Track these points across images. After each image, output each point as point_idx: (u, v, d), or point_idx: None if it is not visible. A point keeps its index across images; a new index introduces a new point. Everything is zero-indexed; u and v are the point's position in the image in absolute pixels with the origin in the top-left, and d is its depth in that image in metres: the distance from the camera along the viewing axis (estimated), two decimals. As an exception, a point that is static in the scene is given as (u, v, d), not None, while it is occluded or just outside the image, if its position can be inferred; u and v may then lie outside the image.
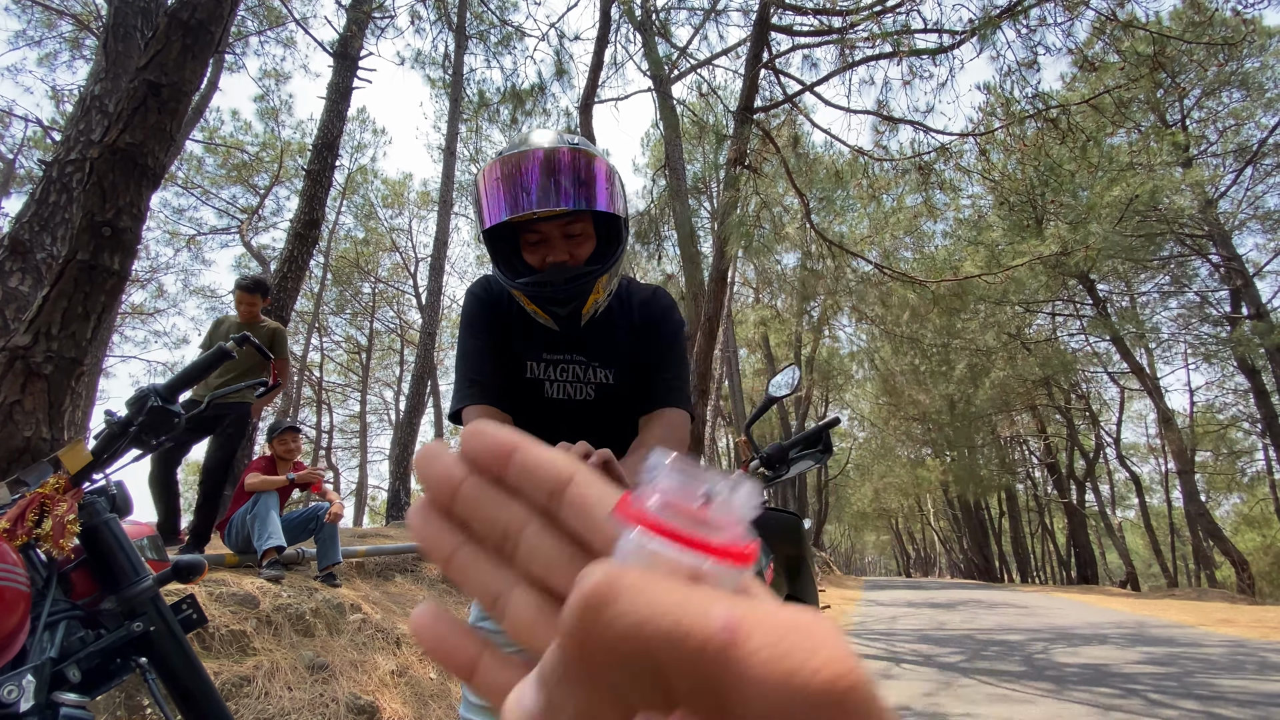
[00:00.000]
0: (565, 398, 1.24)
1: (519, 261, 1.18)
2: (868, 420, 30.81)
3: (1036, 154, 7.47)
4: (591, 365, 1.25)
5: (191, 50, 2.98)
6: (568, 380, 1.24)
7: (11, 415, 2.62)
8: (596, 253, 1.18)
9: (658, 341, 1.27)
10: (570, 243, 1.15)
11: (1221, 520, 22.35)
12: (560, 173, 1.08)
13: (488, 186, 1.10)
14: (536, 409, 1.24)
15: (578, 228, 1.14)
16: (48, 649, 1.00)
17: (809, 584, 1.66)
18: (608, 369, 1.25)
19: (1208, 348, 18.56)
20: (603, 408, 1.25)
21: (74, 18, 12.43)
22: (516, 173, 1.08)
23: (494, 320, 1.25)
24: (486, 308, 1.25)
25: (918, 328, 16.27)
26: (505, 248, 1.18)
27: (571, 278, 1.13)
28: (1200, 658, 5.19)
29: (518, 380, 1.24)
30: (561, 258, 1.14)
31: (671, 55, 10.44)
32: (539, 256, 1.15)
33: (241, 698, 2.31)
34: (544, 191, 1.07)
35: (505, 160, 1.08)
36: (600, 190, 1.11)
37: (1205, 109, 16.50)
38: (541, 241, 1.14)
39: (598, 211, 1.15)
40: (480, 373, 1.20)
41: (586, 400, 1.25)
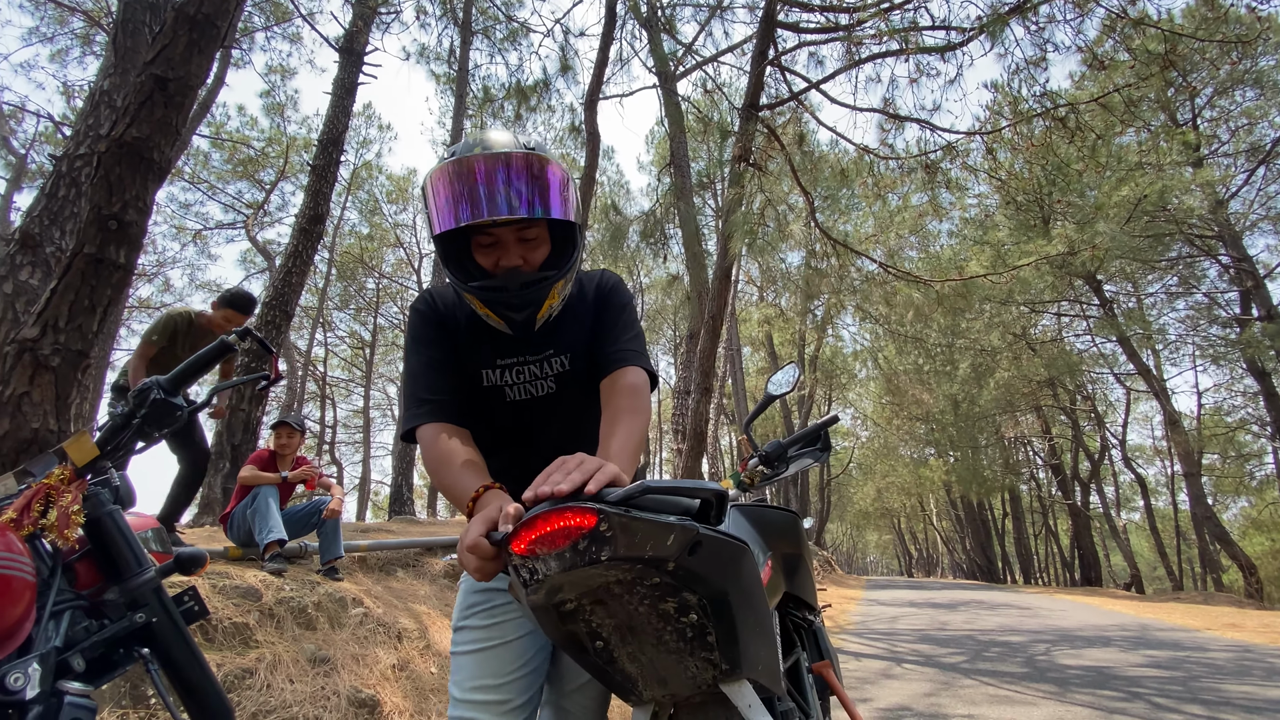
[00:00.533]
0: (528, 397, 1.23)
1: (470, 263, 1.16)
2: (871, 420, 30.75)
3: (1044, 153, 7.43)
4: (545, 358, 1.23)
5: (198, 45, 2.99)
6: (525, 380, 1.23)
7: (20, 407, 2.64)
8: (551, 257, 1.17)
9: (608, 310, 1.27)
10: (524, 247, 1.13)
11: (1229, 524, 22.24)
12: (516, 179, 1.06)
13: (439, 189, 1.06)
14: (501, 414, 1.23)
15: (532, 232, 1.13)
16: (53, 638, 1.01)
17: (807, 582, 1.66)
18: (562, 355, 1.24)
19: (1216, 349, 18.45)
20: (565, 395, 1.25)
21: (85, 14, 12.49)
22: (471, 176, 1.04)
23: (442, 334, 1.22)
24: (432, 323, 1.23)
25: (922, 327, 16.22)
26: (456, 249, 1.15)
27: (527, 283, 1.11)
28: (1206, 662, 5.16)
29: (476, 390, 1.22)
30: (515, 262, 1.12)
31: (677, 52, 10.42)
32: (492, 259, 1.13)
33: (244, 689, 2.33)
34: (499, 198, 1.05)
35: (459, 163, 1.05)
36: (555, 197, 1.09)
37: (1217, 108, 16.35)
38: (495, 244, 1.12)
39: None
40: (432, 390, 1.16)
41: (549, 394, 1.24)
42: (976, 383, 21.37)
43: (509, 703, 1.10)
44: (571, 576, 0.76)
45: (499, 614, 1.15)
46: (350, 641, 3.04)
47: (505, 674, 1.12)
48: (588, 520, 0.74)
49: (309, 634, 2.92)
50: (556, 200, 1.09)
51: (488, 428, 1.23)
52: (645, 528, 0.76)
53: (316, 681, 2.58)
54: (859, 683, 4.46)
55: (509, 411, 1.23)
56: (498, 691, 1.10)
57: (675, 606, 0.83)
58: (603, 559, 0.74)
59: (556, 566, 0.75)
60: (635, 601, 0.82)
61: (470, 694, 1.11)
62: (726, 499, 0.91)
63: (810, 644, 1.63)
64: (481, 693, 1.10)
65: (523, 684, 1.13)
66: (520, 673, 1.13)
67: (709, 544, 0.82)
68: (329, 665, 2.73)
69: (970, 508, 30.46)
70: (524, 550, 0.76)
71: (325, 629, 3.04)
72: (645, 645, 0.86)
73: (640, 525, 0.76)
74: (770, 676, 0.95)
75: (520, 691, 1.12)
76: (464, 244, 1.15)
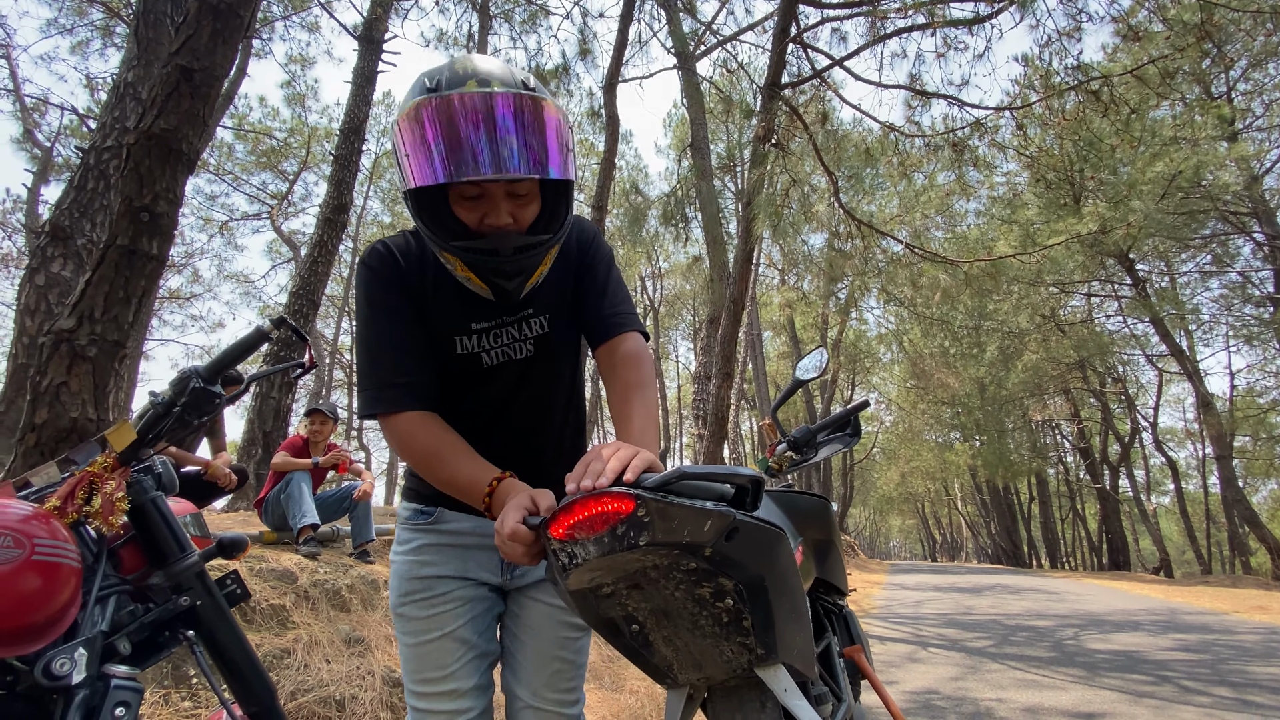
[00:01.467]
0: (505, 360, 1.13)
1: (449, 217, 1.00)
2: (895, 404, 30.44)
3: (1076, 128, 7.21)
4: (524, 319, 1.13)
5: (221, 34, 3.00)
6: (504, 344, 1.13)
7: (58, 396, 2.71)
8: (542, 216, 1.04)
9: (595, 268, 1.17)
10: (514, 203, 0.99)
11: (1259, 506, 21.75)
12: (515, 128, 0.90)
13: (419, 133, 0.89)
14: (474, 380, 1.13)
15: (524, 187, 0.99)
16: (99, 623, 1.04)
17: (838, 566, 1.65)
18: (542, 316, 1.14)
19: (1250, 329, 17.92)
20: (541, 358, 1.16)
21: (104, 4, 12.62)
22: (461, 121, 0.88)
23: (405, 299, 1.07)
24: (394, 286, 1.07)
25: (948, 309, 15.95)
26: (431, 200, 0.99)
27: (521, 247, 0.98)
28: (1234, 645, 5.08)
29: (448, 358, 1.11)
30: (504, 221, 0.97)
31: (697, 31, 10.27)
32: (476, 215, 0.98)
33: (282, 669, 2.39)
34: (498, 151, 0.89)
35: (446, 103, 0.88)
36: (556, 151, 0.94)
37: (1251, 80, 15.72)
38: (479, 197, 0.98)
39: None
40: (400, 369, 1.04)
41: (527, 357, 1.15)
42: (1004, 365, 21.00)
43: (458, 690, 1.08)
44: (609, 561, 0.76)
45: (437, 603, 1.11)
46: (383, 622, 3.10)
47: (449, 665, 1.09)
48: (626, 506, 0.74)
49: (343, 615, 2.99)
50: (557, 155, 0.94)
51: (456, 395, 1.13)
52: (682, 513, 0.76)
53: (352, 661, 2.64)
54: (885, 666, 4.45)
55: (482, 377, 1.13)
56: (445, 682, 1.08)
57: (711, 591, 0.82)
58: (641, 544, 0.74)
59: (595, 551, 0.75)
60: (672, 586, 0.82)
61: (420, 685, 1.10)
62: (762, 485, 0.90)
63: (841, 629, 1.63)
64: (430, 684, 1.09)
65: (469, 669, 1.10)
66: (464, 659, 1.10)
67: (746, 530, 0.81)
68: (363, 645, 2.79)
69: (996, 492, 30.11)
70: (563, 535, 0.76)
71: (359, 610, 3.10)
72: (681, 629, 0.86)
73: (677, 511, 0.76)
74: (804, 661, 0.94)
75: (468, 676, 1.09)
76: (441, 195, 1.00)
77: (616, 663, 3.86)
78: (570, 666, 1.17)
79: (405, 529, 1.18)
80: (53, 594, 0.92)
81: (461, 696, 1.09)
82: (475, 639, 1.12)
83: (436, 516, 1.15)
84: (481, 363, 1.12)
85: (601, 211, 8.44)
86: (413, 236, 1.14)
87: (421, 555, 1.14)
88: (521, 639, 1.16)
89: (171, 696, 2.12)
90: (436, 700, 1.09)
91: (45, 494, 1.10)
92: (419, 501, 1.17)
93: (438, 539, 1.15)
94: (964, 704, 3.43)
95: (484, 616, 1.15)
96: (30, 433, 2.71)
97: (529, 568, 1.18)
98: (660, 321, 28.73)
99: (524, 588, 1.19)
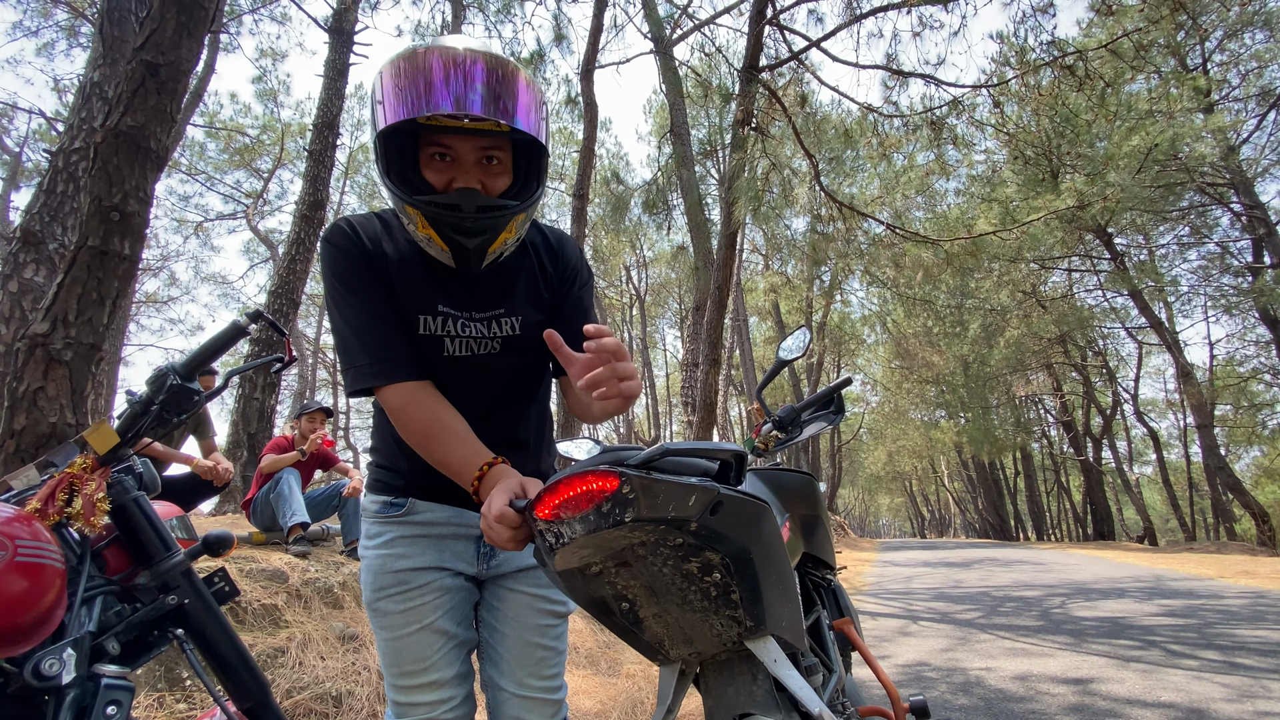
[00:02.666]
0: (468, 353, 1.10)
1: (416, 179, 0.99)
2: (881, 384, 30.72)
3: (1052, 104, 7.25)
4: (495, 317, 1.12)
5: (187, 28, 2.94)
6: (470, 336, 1.10)
7: (35, 402, 2.67)
8: (512, 189, 1.03)
9: (574, 288, 1.19)
10: (484, 170, 0.99)
11: (1241, 474, 22.20)
12: (491, 81, 0.90)
13: (396, 77, 0.90)
14: (433, 369, 1.08)
15: (497, 154, 0.98)
16: (86, 623, 1.03)
17: (825, 542, 1.67)
18: (513, 318, 1.13)
19: (1228, 299, 18.22)
20: (507, 360, 1.14)
21: (69, 4, 12.31)
22: (437, 70, 0.88)
23: (371, 276, 1.05)
24: (360, 264, 1.05)
25: (931, 289, 16.07)
26: (400, 159, 0.98)
27: (484, 206, 0.96)
28: (1220, 609, 5.20)
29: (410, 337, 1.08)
30: (472, 185, 0.97)
31: (673, 15, 10.20)
32: (444, 178, 0.98)
33: (277, 667, 2.39)
34: (472, 96, 0.89)
35: (427, 51, 0.89)
36: (525, 107, 0.93)
37: (1227, 51, 15.89)
38: (450, 160, 0.98)
39: (521, 140, 1.00)
40: (384, 345, 1.02)
41: (491, 354, 1.12)
42: (987, 343, 21.24)
43: (439, 681, 1.08)
44: (596, 539, 0.76)
45: (414, 596, 1.09)
46: (376, 618, 3.10)
47: (429, 656, 1.08)
48: (610, 483, 0.74)
49: (336, 613, 2.98)
50: (528, 113, 0.94)
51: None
52: (667, 489, 0.77)
53: (347, 658, 2.64)
54: (877, 640, 4.52)
55: (443, 367, 1.09)
56: (425, 674, 1.08)
57: (699, 566, 0.83)
58: (626, 520, 0.75)
59: (581, 529, 0.75)
60: (659, 562, 0.82)
61: (400, 679, 1.09)
62: (745, 459, 0.90)
63: (830, 602, 1.65)
64: (410, 677, 1.08)
65: (449, 658, 1.10)
66: (444, 650, 1.09)
67: (730, 504, 0.82)
68: (358, 642, 2.79)
69: (982, 468, 30.55)
70: (548, 515, 0.76)
71: (352, 607, 3.10)
72: (670, 605, 0.87)
73: (662, 487, 0.76)
74: (794, 632, 0.96)
75: (448, 666, 1.09)
76: (411, 156, 0.99)
77: (612, 648, 3.89)
78: (552, 654, 1.17)
79: (375, 522, 1.15)
80: (38, 595, 0.91)
81: (442, 686, 1.09)
82: (454, 629, 1.11)
83: (408, 508, 1.13)
84: (444, 348, 1.09)
85: (583, 200, 8.39)
86: (376, 218, 1.12)
87: (395, 548, 1.11)
88: (501, 630, 1.16)
89: (166, 699, 2.11)
90: (417, 692, 1.08)
91: (25, 497, 1.09)
92: (388, 493, 1.15)
93: (411, 530, 1.13)
94: (954, 674, 3.50)
95: (461, 606, 1.15)
96: (9, 439, 2.66)
97: (505, 557, 1.18)
98: (646, 310, 28.70)
99: (500, 577, 1.18)
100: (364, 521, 1.18)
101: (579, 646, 3.69)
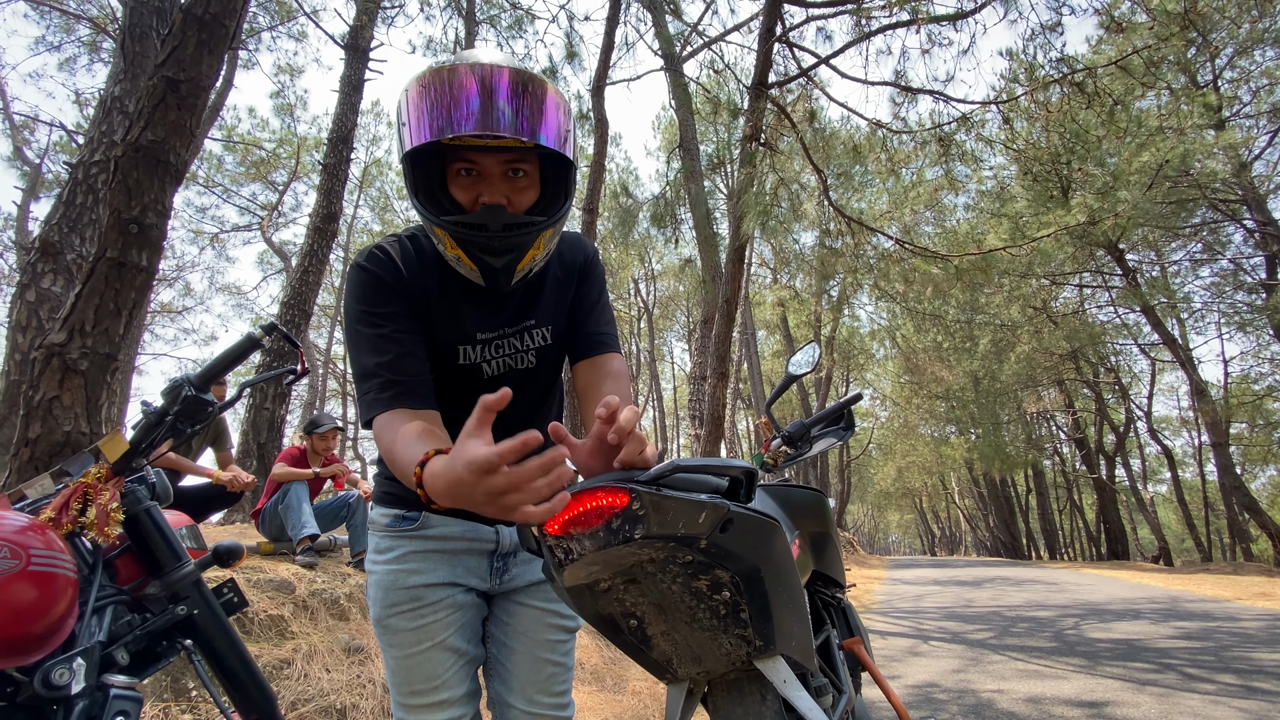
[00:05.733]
0: (506, 370, 1.11)
1: (444, 197, 0.99)
2: (890, 399, 30.52)
3: (1062, 120, 7.24)
4: (526, 329, 1.11)
5: (207, 45, 3.00)
6: (505, 354, 1.10)
7: (51, 410, 2.70)
8: (538, 204, 1.02)
9: (591, 285, 1.18)
10: (510, 185, 0.98)
11: (1258, 493, 21.87)
12: (517, 98, 0.89)
13: (416, 99, 0.90)
14: (473, 391, 1.02)
15: (523, 168, 0.98)
16: (96, 633, 1.03)
17: (835, 560, 1.65)
18: (544, 328, 1.13)
19: (1242, 316, 18.03)
20: (542, 370, 1.15)
21: (91, 21, 12.58)
22: (463, 87, 0.88)
23: (404, 302, 1.03)
24: (392, 289, 1.02)
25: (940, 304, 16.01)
26: (428, 178, 0.98)
27: (511, 224, 0.95)
28: (1237, 632, 5.10)
29: (449, 368, 1.08)
30: (498, 200, 0.96)
31: (683, 33, 10.30)
32: (471, 195, 0.97)
33: (282, 679, 2.38)
34: (498, 113, 0.88)
35: (450, 70, 0.89)
36: (553, 124, 0.93)
37: (1238, 68, 15.85)
38: (477, 177, 0.97)
39: (548, 154, 0.99)
40: (397, 370, 0.98)
41: (529, 368, 1.13)
42: (997, 358, 21.09)
43: (449, 700, 1.07)
44: (606, 555, 0.76)
45: (427, 613, 1.07)
46: (381, 631, 3.09)
47: (440, 675, 1.07)
48: (620, 499, 0.74)
49: (342, 624, 2.98)
50: (555, 129, 0.94)
51: (454, 404, 1.06)
52: (677, 506, 0.76)
53: (352, 670, 2.63)
54: (887, 660, 4.46)
55: (484, 389, 1.08)
56: (436, 693, 1.07)
57: (708, 584, 0.83)
58: (636, 537, 0.74)
59: (591, 546, 0.75)
60: (668, 580, 0.82)
61: (409, 698, 1.07)
62: (755, 476, 0.90)
63: (840, 621, 1.63)
64: (420, 696, 1.07)
65: (459, 676, 1.09)
66: (454, 667, 1.08)
67: (740, 521, 0.82)
68: (363, 654, 2.78)
69: (993, 485, 30.20)
70: (558, 531, 0.76)
71: (358, 619, 3.09)
72: (679, 623, 0.86)
73: (672, 504, 0.76)
74: (803, 652, 0.95)
75: (459, 684, 1.08)
76: (439, 174, 0.99)
77: (618, 664, 3.86)
78: (562, 669, 1.16)
79: (386, 536, 1.12)
80: (50, 604, 0.92)
81: (453, 705, 1.08)
82: (465, 646, 1.10)
83: (422, 521, 1.11)
84: (483, 373, 1.10)
85: (592, 214, 8.45)
86: (409, 240, 1.10)
87: (407, 563, 1.09)
88: (511, 645, 1.14)
89: (171, 710, 2.11)
90: (427, 711, 1.07)
91: (40, 506, 1.10)
92: (400, 506, 1.12)
93: (424, 545, 1.10)
94: (965, 696, 3.44)
95: (472, 623, 1.13)
96: (24, 447, 2.69)
97: (516, 571, 1.17)
98: (654, 323, 28.73)
99: (511, 592, 1.17)
100: (373, 536, 1.15)
101: (585, 662, 3.66)
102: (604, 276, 1.23)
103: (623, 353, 1.18)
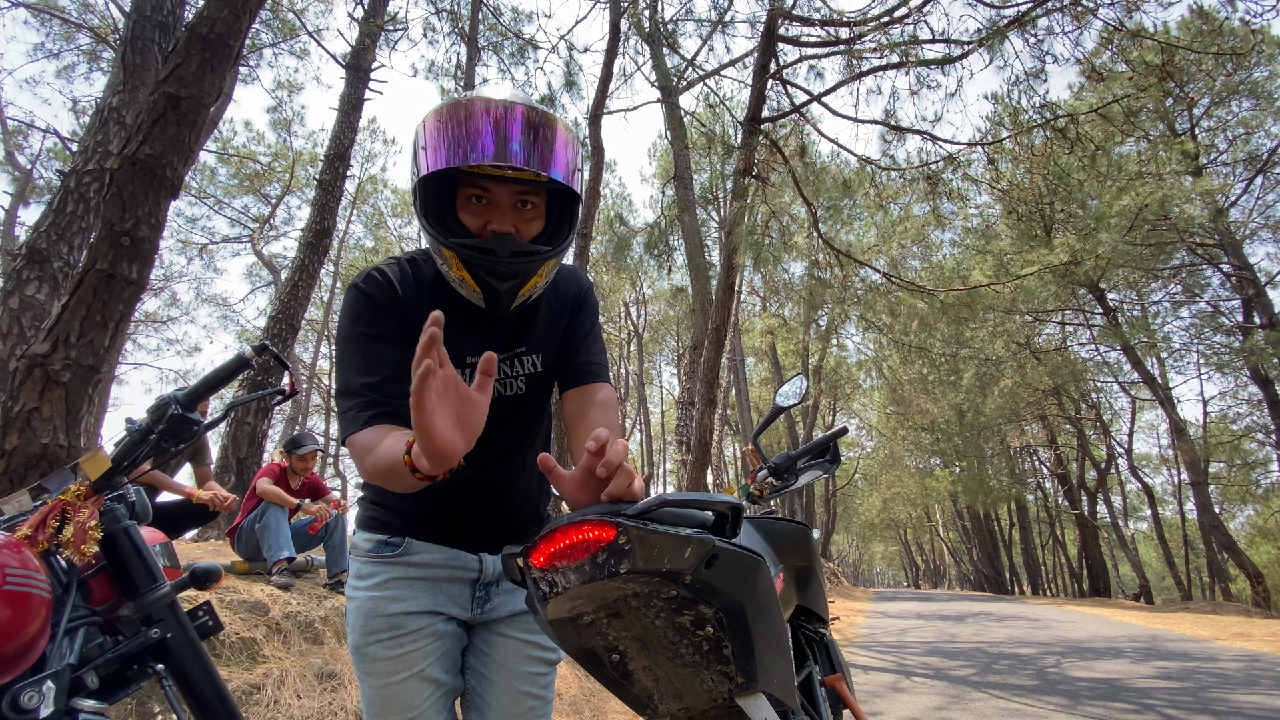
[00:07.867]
0: (495, 396, 1.10)
1: (452, 221, 1.03)
2: (875, 430, 30.66)
3: (1045, 163, 7.45)
4: (517, 356, 1.14)
5: (210, 64, 3.03)
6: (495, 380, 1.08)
7: (29, 422, 2.65)
8: (545, 233, 1.06)
9: (585, 316, 1.21)
10: (519, 214, 1.02)
11: (1236, 533, 22.05)
12: (530, 131, 0.95)
13: (442, 127, 0.94)
14: None
15: (531, 199, 1.02)
16: (67, 655, 1.01)
17: (819, 594, 1.65)
18: (534, 355, 1.15)
19: (1220, 357, 18.39)
20: (531, 397, 1.17)
21: (92, 31, 12.64)
22: (486, 119, 0.93)
23: (398, 326, 1.05)
24: (387, 311, 1.05)
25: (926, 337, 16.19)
26: (438, 203, 1.02)
27: (519, 252, 0.99)
28: (1216, 672, 5.11)
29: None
30: (506, 229, 1.00)
31: (680, 66, 10.51)
32: (480, 221, 1.01)
33: (251, 705, 2.32)
34: (513, 146, 0.93)
35: (471, 102, 0.94)
36: (562, 159, 0.98)
37: (1214, 118, 16.43)
38: (487, 204, 1.01)
39: (556, 188, 1.03)
40: (382, 391, 0.99)
41: (517, 395, 1.14)
42: (981, 392, 21.32)
43: None
44: (590, 589, 0.76)
45: (406, 642, 1.06)
46: (357, 656, 3.02)
47: (416, 705, 1.06)
48: (607, 533, 0.75)
49: (316, 649, 2.91)
50: (564, 164, 0.98)
51: None
52: (663, 540, 0.77)
53: (324, 697, 2.57)
54: (868, 696, 4.42)
55: None
56: None
57: (692, 619, 0.83)
58: (621, 572, 0.74)
59: (576, 579, 0.75)
60: (652, 614, 0.82)
61: None
62: (742, 512, 0.91)
63: (822, 657, 1.63)
64: None
65: (435, 707, 1.08)
66: (432, 698, 1.07)
67: (725, 557, 0.82)
68: (336, 680, 2.72)
69: (977, 518, 30.27)
70: (543, 564, 0.76)
71: (332, 643, 3.03)
72: (661, 659, 0.86)
73: (658, 538, 0.76)
74: (785, 689, 0.95)
75: (435, 715, 1.07)
76: (449, 199, 1.03)
77: (598, 696, 3.79)
78: (541, 703, 1.15)
79: (367, 562, 1.11)
80: (22, 625, 0.90)
81: None
82: (443, 676, 1.09)
83: (404, 548, 1.10)
84: None
85: (586, 239, 8.51)
86: (408, 264, 1.12)
87: (388, 590, 1.08)
88: (491, 677, 1.13)
89: (136, 734, 2.05)
90: None
91: (16, 522, 1.08)
92: (383, 532, 1.12)
93: (405, 572, 1.09)
94: (947, 734, 3.41)
95: (452, 653, 1.12)
96: (0, 459, 2.64)
97: (498, 601, 1.16)
98: (644, 347, 28.79)
99: (492, 622, 1.16)
100: (354, 561, 1.14)
101: (564, 694, 3.60)
102: (597, 309, 1.25)
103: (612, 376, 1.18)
